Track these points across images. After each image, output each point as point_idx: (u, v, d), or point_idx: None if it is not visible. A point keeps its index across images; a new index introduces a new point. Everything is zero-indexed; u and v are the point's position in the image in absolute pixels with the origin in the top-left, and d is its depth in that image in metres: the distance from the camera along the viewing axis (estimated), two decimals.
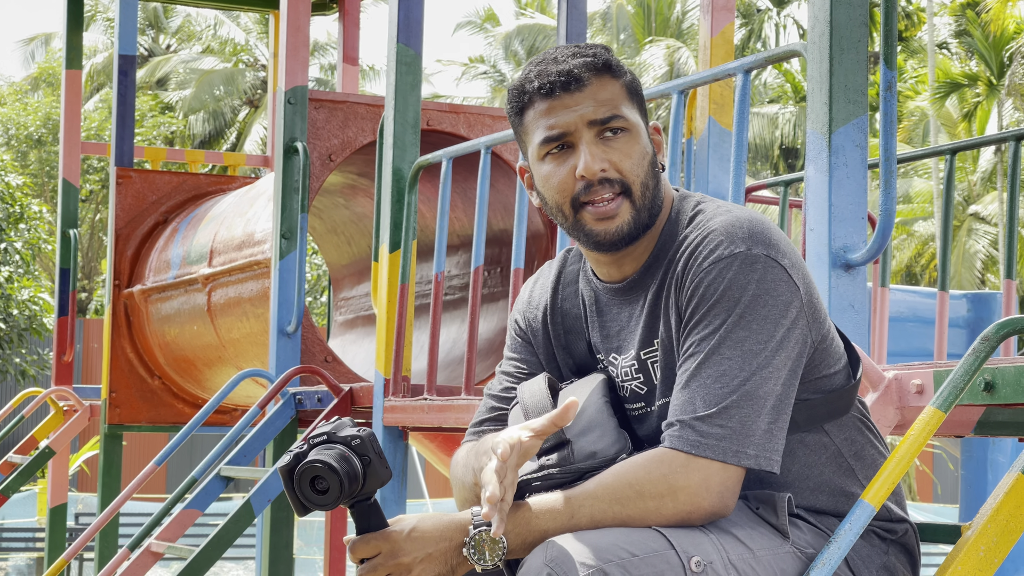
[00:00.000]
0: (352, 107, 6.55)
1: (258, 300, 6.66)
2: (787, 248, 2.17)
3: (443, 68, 67.70)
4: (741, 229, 2.14)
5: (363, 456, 2.07)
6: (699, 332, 2.13)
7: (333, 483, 2.04)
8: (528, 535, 2.06)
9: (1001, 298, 4.57)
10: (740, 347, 2.10)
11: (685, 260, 2.18)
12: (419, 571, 2.07)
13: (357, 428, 2.10)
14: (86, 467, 18.79)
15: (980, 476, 6.88)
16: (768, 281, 2.12)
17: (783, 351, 2.11)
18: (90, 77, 32.48)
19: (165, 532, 5.50)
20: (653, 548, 2.02)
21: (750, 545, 2.09)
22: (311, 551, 15.39)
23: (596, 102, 2.20)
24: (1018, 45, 28.73)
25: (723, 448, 2.07)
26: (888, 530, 2.25)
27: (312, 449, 2.07)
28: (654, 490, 2.06)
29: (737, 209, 2.20)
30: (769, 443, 2.10)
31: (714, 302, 2.12)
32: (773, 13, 36.99)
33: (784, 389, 2.12)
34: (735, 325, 2.10)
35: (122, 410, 7.83)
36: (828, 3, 3.10)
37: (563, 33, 6.67)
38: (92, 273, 30.62)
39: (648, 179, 2.22)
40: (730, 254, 2.13)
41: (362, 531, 2.09)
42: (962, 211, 30.59)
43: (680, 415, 2.11)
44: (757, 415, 2.09)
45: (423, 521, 2.09)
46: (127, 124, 7.94)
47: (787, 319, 2.12)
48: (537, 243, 6.69)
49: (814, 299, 2.19)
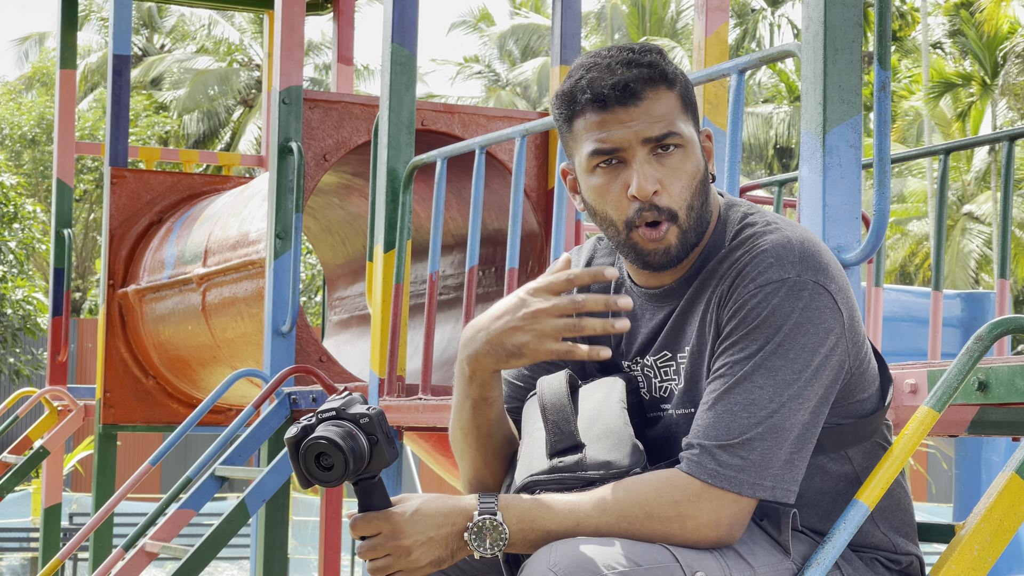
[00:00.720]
0: (347, 107, 6.55)
1: (253, 300, 6.66)
2: (836, 271, 2.12)
3: (438, 67, 67.64)
4: (792, 252, 2.09)
5: (371, 435, 2.05)
6: (734, 354, 2.09)
7: (338, 461, 2.02)
8: (531, 532, 2.05)
9: (995, 297, 4.58)
10: (774, 376, 2.06)
11: (732, 279, 2.13)
12: (419, 554, 2.05)
13: (367, 406, 2.08)
14: (80, 467, 18.77)
15: (974, 475, 6.89)
16: (813, 309, 2.07)
17: (817, 380, 2.07)
18: (84, 77, 32.45)
19: (160, 532, 5.50)
20: (658, 560, 2.00)
21: (751, 562, 2.07)
22: (306, 551, 15.39)
23: (651, 118, 2.13)
24: (1012, 45, 28.74)
25: (740, 480, 2.04)
26: (893, 560, 2.23)
27: (320, 424, 2.05)
28: (663, 514, 2.04)
29: (787, 227, 2.15)
30: (788, 474, 2.06)
31: (755, 327, 2.08)
32: (768, 12, 37.02)
33: (812, 417, 2.08)
34: (772, 353, 2.06)
35: (116, 410, 7.82)
36: (822, 4, 3.10)
37: (557, 33, 6.67)
38: (86, 273, 30.59)
39: (696, 199, 2.16)
40: (779, 279, 2.08)
41: (364, 509, 2.08)
42: (956, 211, 30.62)
43: (702, 438, 2.07)
44: (780, 447, 2.05)
45: (427, 503, 2.07)
46: (121, 124, 7.94)
47: (825, 347, 2.08)
48: (531, 243, 6.70)
49: (855, 323, 2.15)
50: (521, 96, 36.06)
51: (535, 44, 37.60)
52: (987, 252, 29.42)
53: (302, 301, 22.30)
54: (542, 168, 6.64)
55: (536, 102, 35.21)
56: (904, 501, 2.26)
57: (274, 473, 5.51)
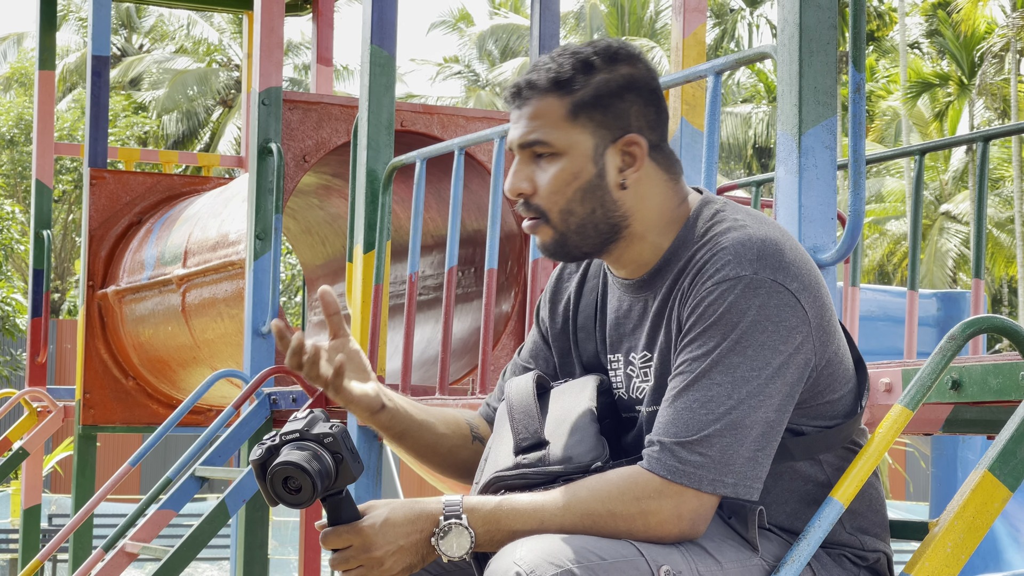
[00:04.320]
0: (326, 108, 6.56)
1: (232, 301, 6.66)
2: (799, 270, 2.13)
3: (417, 67, 67.53)
4: (751, 250, 2.11)
5: (335, 454, 2.08)
6: (692, 351, 2.11)
7: (306, 484, 2.05)
8: (497, 533, 2.07)
9: (971, 297, 4.61)
10: (731, 373, 2.07)
11: (692, 276, 2.15)
12: (391, 563, 2.08)
13: (330, 424, 2.10)
14: (60, 468, 18.72)
15: (950, 473, 6.93)
16: (771, 307, 2.08)
17: (780, 378, 2.08)
18: (63, 77, 32.36)
19: (140, 533, 5.50)
20: (623, 554, 2.02)
21: (718, 558, 2.09)
22: (286, 551, 15.38)
23: (528, 123, 2.21)
24: (989, 45, 28.85)
25: (699, 476, 2.06)
26: (860, 556, 2.25)
27: (284, 446, 2.08)
28: (625, 511, 2.06)
29: (754, 224, 2.16)
30: (752, 471, 2.07)
31: (711, 323, 2.09)
32: (746, 13, 37.09)
33: (776, 415, 2.09)
34: (729, 350, 2.08)
35: (96, 411, 7.81)
36: (797, 6, 3.12)
37: (536, 34, 6.69)
38: (65, 274, 30.51)
39: (577, 204, 2.20)
40: (735, 276, 2.10)
41: (334, 522, 2.10)
42: (934, 210, 30.72)
43: (662, 435, 2.09)
44: (740, 444, 2.06)
45: (394, 512, 2.09)
46: (100, 124, 7.92)
47: (788, 345, 2.09)
48: (511, 243, 6.71)
49: (824, 322, 2.15)
50: (501, 96, 36.03)
51: (515, 44, 37.62)
52: (965, 251, 29.52)
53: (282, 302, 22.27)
54: None
55: None
56: (875, 502, 2.27)
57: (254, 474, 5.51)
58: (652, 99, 2.23)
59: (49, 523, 14.36)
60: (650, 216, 2.23)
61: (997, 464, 2.23)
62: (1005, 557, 6.93)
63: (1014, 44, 27.38)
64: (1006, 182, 30.58)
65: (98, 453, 8.29)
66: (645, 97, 2.22)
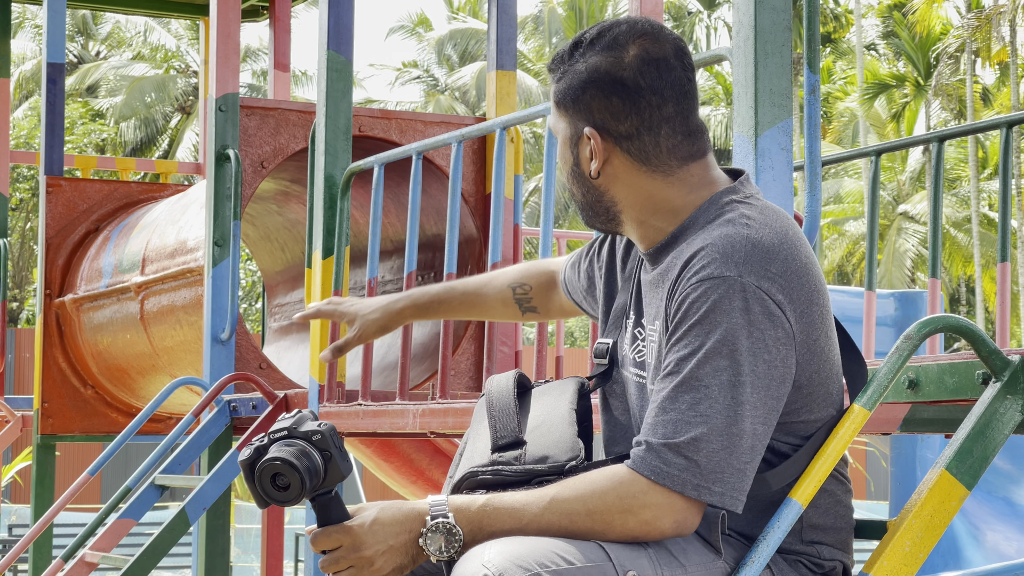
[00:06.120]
0: (284, 114, 6.55)
1: (191, 308, 6.64)
2: (788, 283, 2.09)
3: (376, 72, 67.50)
4: (739, 251, 2.08)
5: (324, 451, 2.07)
6: (679, 351, 2.08)
7: (294, 480, 2.04)
8: (479, 534, 2.06)
9: (928, 296, 4.64)
10: (719, 377, 2.04)
11: (680, 268, 2.13)
12: (381, 563, 2.07)
13: (318, 422, 2.10)
14: (19, 478, 18.58)
15: (909, 473, 6.96)
16: (755, 313, 2.05)
17: (765, 389, 2.06)
18: (19, 85, 32.14)
19: (100, 542, 5.47)
20: (591, 559, 2.02)
21: (683, 561, 2.09)
22: (248, 558, 15.33)
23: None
24: (944, 46, 29.06)
25: (684, 480, 2.04)
26: (816, 564, 2.23)
27: (272, 444, 2.07)
28: (609, 511, 2.05)
29: (758, 225, 2.12)
30: (739, 482, 2.05)
31: (696, 322, 2.06)
32: (704, 16, 37.22)
33: (762, 428, 2.06)
34: (715, 352, 2.04)
35: (55, 420, 7.77)
36: (752, 8, 3.13)
37: (493, 38, 6.69)
38: (23, 282, 30.31)
39: (573, 187, 2.28)
40: (719, 275, 2.06)
41: (323, 523, 2.09)
42: (892, 210, 30.90)
43: (650, 436, 2.07)
44: (728, 452, 2.04)
45: (383, 512, 2.08)
46: (56, 132, 7.88)
47: (773, 356, 2.06)
48: (470, 247, 6.71)
49: (812, 341, 2.12)
50: (460, 101, 36.07)
51: (473, 49, 37.63)
52: (923, 251, 29.70)
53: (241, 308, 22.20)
54: (479, 173, 6.66)
55: (475, 107, 35.22)
56: (842, 519, 2.24)
57: (215, 481, 5.49)
58: (616, 90, 2.17)
59: (9, 533, 14.28)
60: (638, 203, 2.21)
61: (954, 463, 2.24)
62: (965, 555, 6.97)
63: (969, 45, 27.58)
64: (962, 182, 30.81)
65: (57, 462, 8.23)
66: (607, 89, 2.17)
